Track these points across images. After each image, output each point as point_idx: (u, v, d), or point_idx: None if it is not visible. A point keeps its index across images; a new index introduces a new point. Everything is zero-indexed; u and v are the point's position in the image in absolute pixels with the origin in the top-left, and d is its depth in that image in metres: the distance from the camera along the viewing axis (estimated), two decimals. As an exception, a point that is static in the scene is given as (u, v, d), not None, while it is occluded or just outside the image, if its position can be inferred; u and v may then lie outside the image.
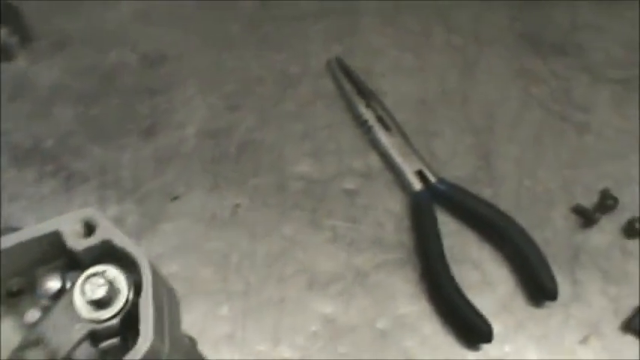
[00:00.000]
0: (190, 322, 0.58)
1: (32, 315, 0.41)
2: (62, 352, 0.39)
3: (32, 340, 0.39)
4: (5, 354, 0.40)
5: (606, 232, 0.66)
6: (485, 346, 0.61)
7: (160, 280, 0.41)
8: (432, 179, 0.67)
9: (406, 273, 0.64)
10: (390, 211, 0.67)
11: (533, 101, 0.72)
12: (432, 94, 0.73)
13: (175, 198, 0.67)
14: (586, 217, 0.66)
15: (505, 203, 0.66)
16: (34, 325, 0.40)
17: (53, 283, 0.41)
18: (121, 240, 0.40)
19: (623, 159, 0.69)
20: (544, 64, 0.74)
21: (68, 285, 0.41)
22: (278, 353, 0.61)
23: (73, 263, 0.43)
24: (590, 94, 0.73)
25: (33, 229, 0.41)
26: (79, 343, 0.39)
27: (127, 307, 0.39)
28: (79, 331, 0.39)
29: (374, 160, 0.69)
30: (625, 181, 0.68)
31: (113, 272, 0.40)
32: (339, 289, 0.63)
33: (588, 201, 0.67)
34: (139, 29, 0.76)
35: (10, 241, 0.41)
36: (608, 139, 0.70)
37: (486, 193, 0.67)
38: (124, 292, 0.40)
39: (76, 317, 0.39)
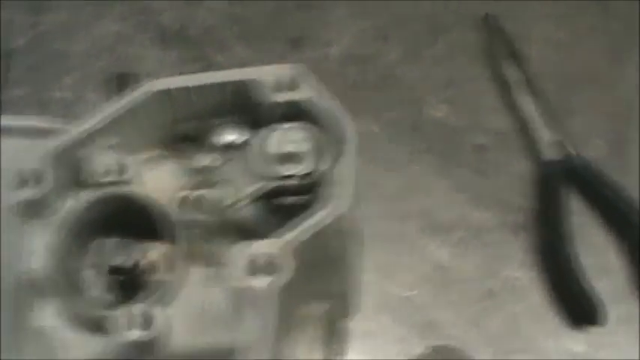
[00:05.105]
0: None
1: (204, 160, 0.39)
2: (239, 198, 0.37)
3: (208, 181, 0.38)
4: (163, 195, 0.38)
5: None
6: (594, 330, 0.59)
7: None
8: (570, 152, 0.65)
9: (522, 238, 0.63)
10: (517, 174, 0.65)
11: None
12: (576, 73, 0.71)
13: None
14: None
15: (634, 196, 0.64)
16: (207, 170, 0.39)
17: (229, 135, 0.40)
18: (327, 101, 0.39)
19: None
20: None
21: (245, 139, 0.40)
22: (384, 286, 0.60)
23: (250, 119, 0.41)
24: None
25: (232, 72, 0.39)
26: (259, 193, 0.38)
27: (315, 171, 0.38)
28: (261, 182, 0.38)
29: (510, 121, 0.67)
30: None
31: (307, 131, 0.38)
32: (456, 240, 0.63)
33: None
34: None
35: (207, 78, 0.39)
36: None
37: (616, 182, 0.65)
38: (312, 154, 0.38)
39: (259, 168, 0.38)
